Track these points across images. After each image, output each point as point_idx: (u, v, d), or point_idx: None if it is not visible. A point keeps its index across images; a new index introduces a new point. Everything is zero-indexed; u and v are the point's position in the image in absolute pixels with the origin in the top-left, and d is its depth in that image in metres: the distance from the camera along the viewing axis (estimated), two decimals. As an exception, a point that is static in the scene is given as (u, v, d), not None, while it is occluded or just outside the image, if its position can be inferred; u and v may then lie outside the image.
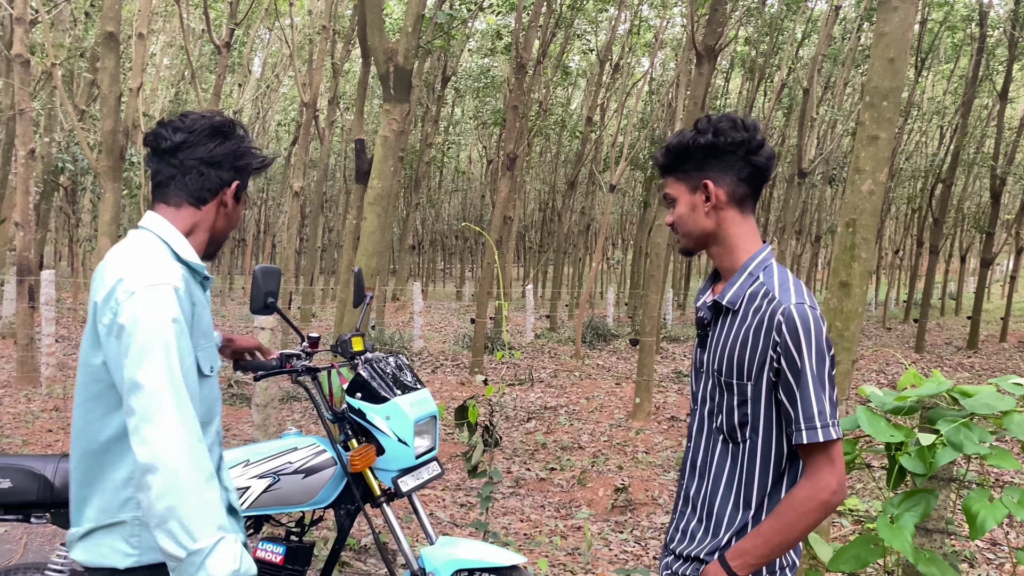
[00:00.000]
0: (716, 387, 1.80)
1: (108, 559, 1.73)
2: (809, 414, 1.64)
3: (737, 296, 1.76)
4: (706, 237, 1.82)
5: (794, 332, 1.64)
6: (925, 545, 2.62)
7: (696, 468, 1.85)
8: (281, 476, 2.64)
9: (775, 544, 1.67)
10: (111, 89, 7.39)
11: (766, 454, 1.74)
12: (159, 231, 1.82)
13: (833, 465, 1.66)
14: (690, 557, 1.82)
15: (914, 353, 15.55)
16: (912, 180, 26.13)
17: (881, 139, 3.47)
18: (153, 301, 1.65)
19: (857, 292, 3.51)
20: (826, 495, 1.64)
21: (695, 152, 1.78)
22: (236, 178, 1.90)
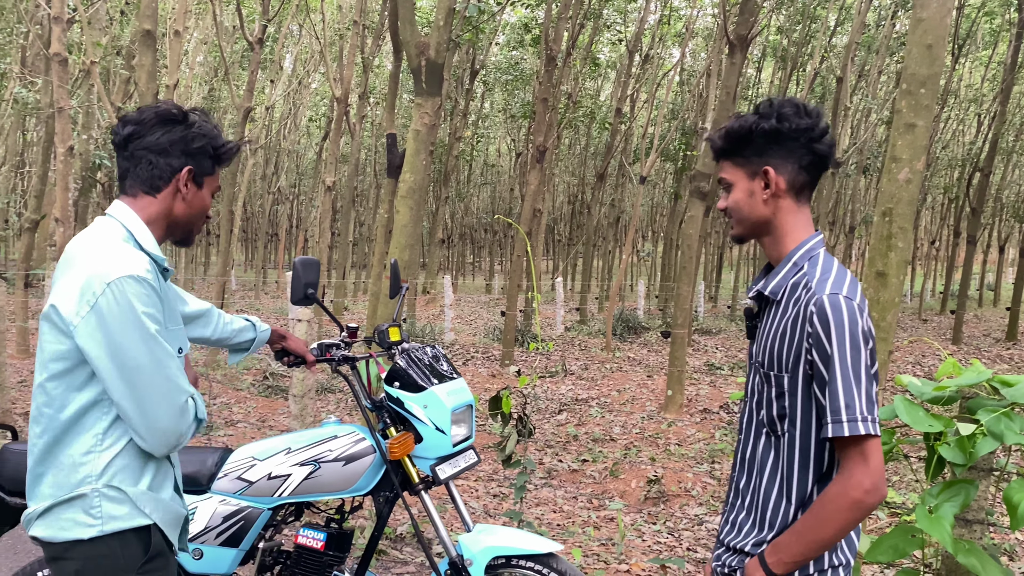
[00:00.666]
0: (761, 379, 1.77)
1: (71, 532, 1.78)
2: (836, 407, 1.59)
3: (779, 287, 1.74)
4: (761, 225, 1.78)
5: (825, 323, 1.60)
6: (965, 536, 2.60)
7: (745, 461, 1.83)
8: (322, 464, 2.69)
9: (809, 542, 1.62)
10: (148, 86, 7.51)
11: (805, 448, 1.70)
12: (123, 219, 1.89)
13: (867, 463, 1.59)
14: (738, 549, 1.80)
15: (951, 345, 15.30)
16: (949, 169, 25.68)
17: (918, 127, 3.43)
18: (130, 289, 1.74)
19: (893, 282, 3.48)
20: (857, 494, 1.58)
21: (757, 137, 1.73)
22: (188, 163, 1.92)
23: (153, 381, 1.75)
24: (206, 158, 1.95)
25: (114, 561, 1.79)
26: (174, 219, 1.95)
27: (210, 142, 1.95)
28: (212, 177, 1.99)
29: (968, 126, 26.07)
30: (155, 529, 1.84)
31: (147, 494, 1.83)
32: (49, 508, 1.80)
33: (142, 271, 1.78)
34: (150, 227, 1.91)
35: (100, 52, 13.28)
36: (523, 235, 4.89)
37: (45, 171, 12.31)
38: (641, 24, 17.24)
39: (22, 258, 11.73)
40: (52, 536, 1.80)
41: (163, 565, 1.87)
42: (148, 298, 1.77)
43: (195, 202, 1.96)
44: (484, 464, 6.41)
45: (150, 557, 1.83)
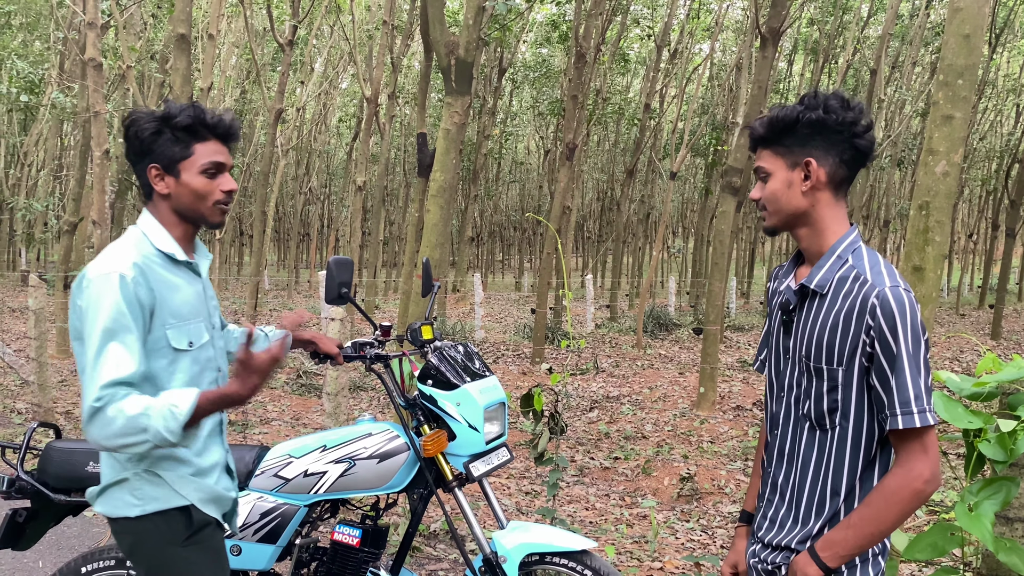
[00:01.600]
0: (804, 373, 1.76)
1: (122, 510, 1.99)
2: (905, 398, 1.60)
3: (826, 279, 1.72)
4: (796, 217, 1.77)
5: (890, 316, 1.60)
6: (1006, 534, 2.56)
7: (784, 455, 1.82)
8: (357, 461, 2.71)
9: (866, 535, 1.64)
10: (183, 89, 7.62)
11: (856, 441, 1.70)
12: (142, 225, 2.04)
13: (927, 453, 1.62)
14: (780, 546, 1.80)
15: (990, 340, 15.02)
16: (987, 160, 25.18)
17: (956, 119, 3.38)
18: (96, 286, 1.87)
19: (931, 276, 3.43)
20: (919, 484, 1.61)
21: (801, 127, 1.71)
22: (150, 161, 1.98)
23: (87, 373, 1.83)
24: (169, 145, 1.97)
25: (160, 535, 1.99)
26: (179, 213, 2.04)
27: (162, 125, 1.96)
28: (187, 161, 1.98)
29: (1006, 117, 25.54)
30: (194, 509, 2.03)
31: (186, 478, 2.02)
32: (105, 488, 2.02)
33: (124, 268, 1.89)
34: (166, 224, 2.04)
35: (135, 56, 13.50)
36: (553, 232, 4.89)
37: (82, 174, 12.55)
38: (669, 18, 17.13)
39: (61, 260, 11.97)
40: (108, 512, 2.01)
41: (207, 538, 2.06)
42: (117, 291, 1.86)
43: (182, 192, 2.00)
44: (516, 462, 6.42)
45: (195, 530, 2.02)
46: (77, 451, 2.60)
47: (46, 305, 6.93)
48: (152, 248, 2.00)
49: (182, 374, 2.02)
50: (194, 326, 2.05)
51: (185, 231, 2.06)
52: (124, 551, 2.03)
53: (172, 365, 2.00)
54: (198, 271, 2.12)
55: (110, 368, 1.81)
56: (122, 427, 1.75)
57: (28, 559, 4.19)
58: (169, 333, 1.97)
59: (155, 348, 1.96)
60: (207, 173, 1.99)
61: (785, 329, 1.84)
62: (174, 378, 2.00)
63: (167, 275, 2.00)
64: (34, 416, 7.04)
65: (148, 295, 1.92)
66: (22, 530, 2.64)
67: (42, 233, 24.19)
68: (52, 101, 14.70)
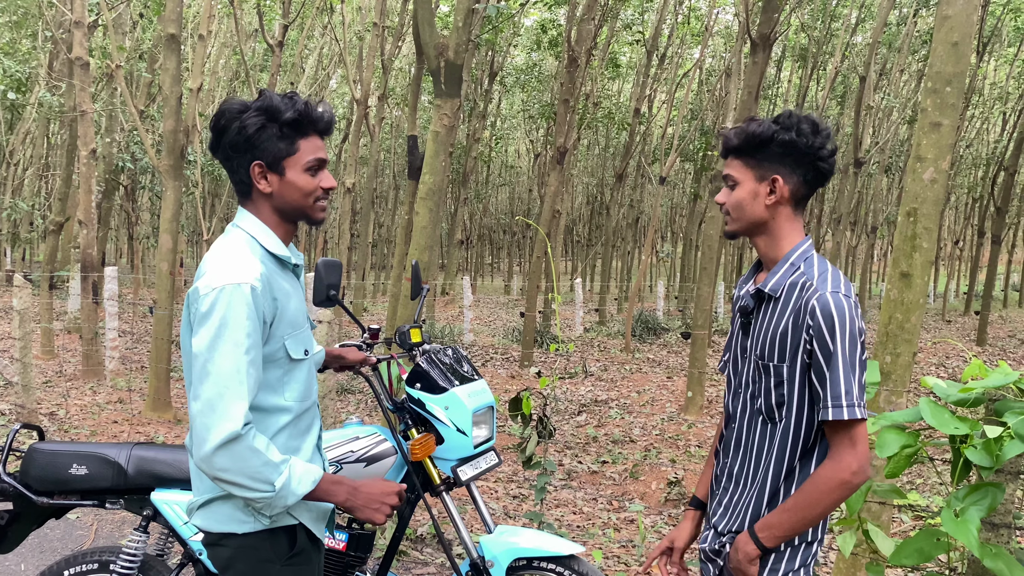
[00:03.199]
0: (757, 371, 1.90)
1: (226, 525, 1.89)
2: (836, 393, 1.74)
3: (779, 285, 1.86)
4: (757, 226, 1.91)
5: (828, 317, 1.74)
6: (991, 540, 2.57)
7: (740, 447, 1.96)
8: (343, 464, 2.70)
9: (799, 519, 1.78)
10: (172, 90, 7.58)
11: (797, 432, 1.84)
12: (245, 225, 1.91)
13: (855, 447, 1.75)
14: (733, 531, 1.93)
15: (976, 346, 15.12)
16: (973, 168, 25.38)
17: (944, 126, 3.39)
18: (225, 298, 1.75)
19: (918, 283, 3.45)
20: (846, 475, 1.74)
21: (774, 146, 1.84)
22: (255, 157, 1.86)
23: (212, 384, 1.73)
24: (275, 141, 1.85)
25: (263, 553, 1.91)
26: (281, 211, 1.91)
27: (271, 119, 1.84)
28: (292, 158, 1.87)
29: (993, 124, 25.75)
30: (301, 528, 1.95)
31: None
32: (208, 501, 1.91)
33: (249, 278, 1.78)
34: (270, 224, 1.92)
35: (123, 56, 13.43)
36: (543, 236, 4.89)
37: (69, 174, 12.46)
38: (659, 24, 17.18)
39: (46, 260, 11.88)
40: (210, 527, 1.92)
41: (307, 559, 1.99)
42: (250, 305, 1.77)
43: (286, 190, 1.88)
44: (504, 465, 6.41)
45: (296, 552, 1.95)
46: (60, 453, 2.58)
47: (31, 306, 6.87)
48: (263, 251, 1.89)
49: (297, 384, 1.93)
50: (306, 333, 1.96)
51: (287, 231, 1.95)
52: (218, 566, 1.94)
53: (287, 376, 1.90)
54: (299, 274, 2.03)
55: (243, 394, 1.73)
56: (258, 468, 1.73)
57: (10, 562, 4.15)
58: (288, 343, 1.88)
59: (272, 360, 1.85)
60: (311, 170, 1.89)
61: (744, 331, 1.98)
62: (288, 388, 1.90)
63: (281, 282, 1.90)
64: (17, 417, 6.97)
65: (271, 306, 1.83)
66: (4, 533, 2.61)
67: (28, 233, 24.01)
68: (39, 100, 14.60)
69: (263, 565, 1.91)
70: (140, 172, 16.24)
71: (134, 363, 10.40)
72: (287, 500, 1.78)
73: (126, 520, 4.87)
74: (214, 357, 1.72)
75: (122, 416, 7.49)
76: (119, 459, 2.60)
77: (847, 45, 16.82)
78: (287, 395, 1.90)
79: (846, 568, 3.49)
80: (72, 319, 13.06)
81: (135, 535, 2.67)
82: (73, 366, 9.99)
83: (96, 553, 2.71)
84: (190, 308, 1.82)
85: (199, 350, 1.74)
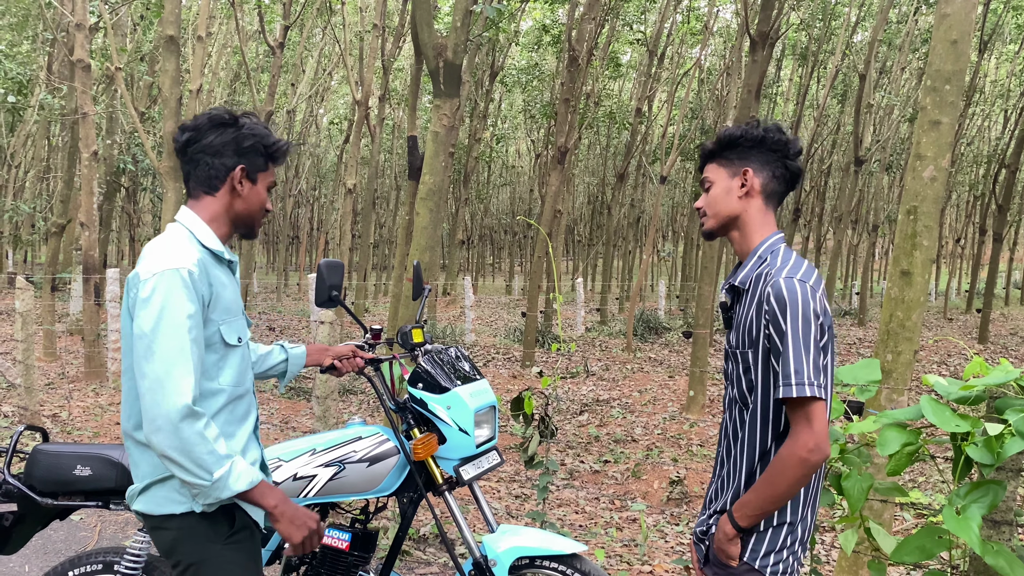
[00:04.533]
0: (732, 360, 2.02)
1: (165, 507, 2.01)
2: (788, 372, 1.81)
3: (747, 278, 1.98)
4: (731, 220, 2.03)
5: (780, 300, 1.83)
6: (993, 537, 2.57)
7: (727, 434, 2.07)
8: (346, 464, 2.71)
9: (765, 497, 1.87)
10: (172, 91, 7.59)
11: (766, 416, 1.93)
12: (185, 221, 2.09)
13: (811, 425, 1.81)
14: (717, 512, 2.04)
15: (977, 344, 15.12)
16: (974, 166, 25.37)
17: (943, 124, 3.40)
18: (164, 282, 1.91)
19: (919, 281, 3.45)
20: (803, 452, 1.81)
21: (744, 142, 2.00)
22: (240, 162, 2.08)
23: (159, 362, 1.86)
24: (257, 156, 2.10)
25: (204, 532, 2.01)
26: (235, 215, 2.12)
27: (260, 141, 2.10)
28: (265, 173, 2.14)
29: (994, 122, 25.73)
30: (238, 508, 2.06)
31: None
32: (147, 486, 2.03)
33: (187, 263, 1.94)
34: (213, 224, 2.10)
35: (124, 58, 13.44)
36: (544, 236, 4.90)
37: (70, 176, 12.48)
38: (661, 24, 17.19)
39: (48, 262, 11.90)
40: (150, 510, 2.03)
41: (247, 537, 2.09)
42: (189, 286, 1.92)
43: (251, 197, 2.12)
44: (506, 465, 6.42)
45: (235, 530, 2.05)
46: (64, 454, 2.58)
47: (33, 307, 6.88)
48: (200, 246, 2.06)
49: (231, 370, 2.07)
50: (240, 323, 2.12)
51: (228, 233, 2.13)
52: (162, 549, 2.04)
53: (222, 360, 2.04)
54: (234, 270, 2.19)
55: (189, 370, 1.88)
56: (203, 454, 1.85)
57: (14, 563, 4.16)
58: (223, 328, 2.03)
59: (208, 343, 2.01)
60: (268, 190, 2.17)
61: (727, 326, 2.08)
62: (223, 373, 2.04)
63: (217, 272, 2.07)
64: (20, 419, 6.98)
65: (208, 290, 1.99)
66: (8, 534, 2.62)
67: (29, 235, 24.04)
68: (40, 102, 14.62)
69: (205, 545, 2.01)
70: (141, 174, 16.26)
71: (136, 365, 10.40)
72: (221, 494, 1.88)
73: (129, 521, 4.88)
74: (158, 337, 1.87)
75: (125, 417, 7.49)
76: (123, 460, 2.60)
77: (847, 44, 16.81)
78: (221, 379, 2.04)
79: (848, 566, 3.50)
80: (74, 321, 13.08)
81: (139, 536, 2.67)
82: (75, 368, 10.01)
83: (100, 554, 2.72)
84: (129, 293, 1.96)
85: (142, 332, 1.88)
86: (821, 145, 21.62)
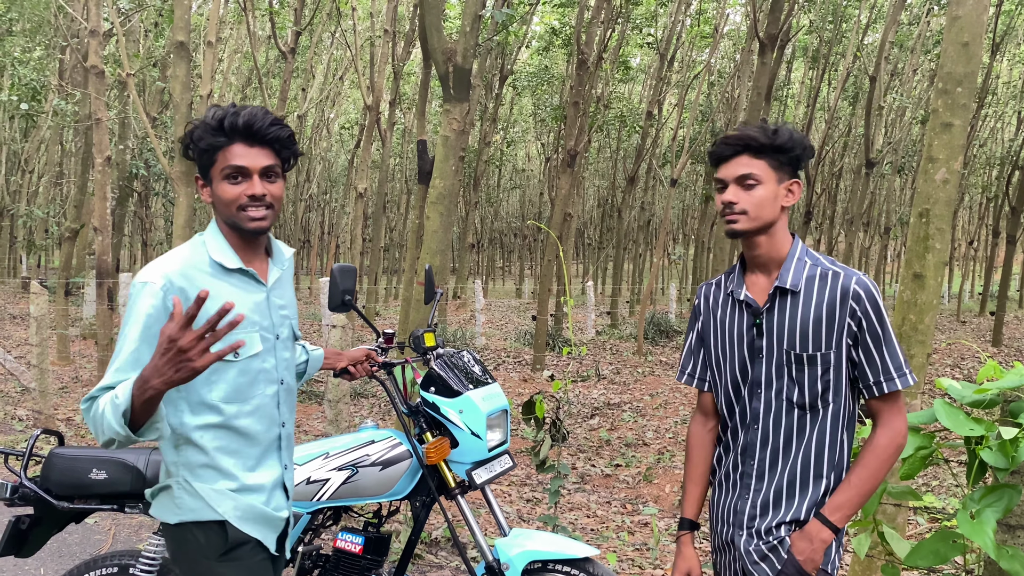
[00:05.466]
0: (789, 365, 1.95)
1: (164, 516, 1.99)
2: (896, 363, 1.89)
3: (797, 279, 1.95)
4: (767, 227, 1.98)
5: (871, 296, 1.88)
6: (1008, 542, 2.56)
7: (770, 443, 1.99)
8: (359, 468, 2.72)
9: (865, 492, 1.89)
10: (183, 96, 7.64)
11: (843, 413, 1.95)
12: (206, 233, 2.04)
13: (901, 411, 1.92)
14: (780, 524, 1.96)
15: (991, 347, 15.01)
16: (987, 168, 25.21)
17: (955, 126, 3.39)
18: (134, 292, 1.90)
19: (931, 284, 3.44)
20: (901, 439, 1.90)
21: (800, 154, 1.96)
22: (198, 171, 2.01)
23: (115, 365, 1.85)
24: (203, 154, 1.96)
25: (196, 546, 1.96)
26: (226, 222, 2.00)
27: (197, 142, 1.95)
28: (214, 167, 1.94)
29: (1007, 124, 25.58)
30: (230, 525, 1.96)
31: (224, 493, 1.96)
32: (156, 491, 2.03)
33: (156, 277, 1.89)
34: (224, 234, 2.02)
35: (136, 64, 13.54)
36: (554, 239, 4.91)
37: (84, 181, 12.57)
38: (672, 27, 17.19)
39: (62, 267, 11.99)
40: (157, 515, 2.02)
41: (245, 556, 1.98)
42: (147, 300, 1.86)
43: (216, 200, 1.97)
44: (518, 469, 6.42)
45: (230, 548, 1.96)
46: (80, 458, 2.60)
47: (47, 312, 6.94)
48: (206, 256, 1.97)
49: (224, 384, 1.94)
50: (243, 336, 1.97)
51: (239, 239, 2.01)
52: (170, 556, 2.04)
53: (213, 375, 1.93)
54: (258, 279, 2.04)
55: (115, 372, 1.83)
56: (93, 423, 1.76)
57: (30, 566, 4.19)
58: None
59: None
60: (229, 179, 1.93)
61: (757, 331, 2.00)
62: (214, 388, 1.94)
63: (214, 283, 1.94)
64: (35, 423, 7.04)
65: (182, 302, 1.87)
66: (25, 537, 2.64)
67: (43, 240, 24.20)
68: (54, 108, 14.74)
69: (199, 560, 1.96)
70: (153, 179, 16.36)
71: (149, 368, 10.46)
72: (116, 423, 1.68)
73: (143, 524, 4.90)
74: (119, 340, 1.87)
75: (138, 421, 7.53)
76: (138, 464, 2.62)
77: (858, 46, 16.76)
78: (214, 393, 1.94)
79: (861, 570, 3.48)
80: (87, 325, 13.17)
81: (154, 539, 2.69)
82: (89, 372, 10.07)
83: (116, 557, 2.74)
84: None
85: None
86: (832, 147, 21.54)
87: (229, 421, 1.96)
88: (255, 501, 1.99)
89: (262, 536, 2.01)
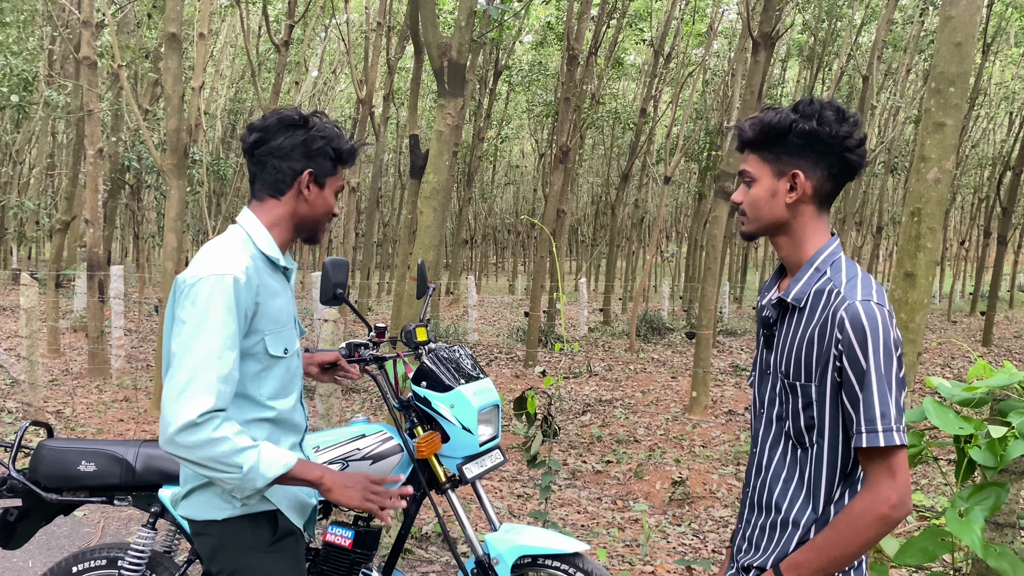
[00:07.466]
0: (783, 390, 1.69)
1: (207, 513, 1.98)
2: (871, 416, 1.52)
3: (803, 293, 1.65)
4: (777, 227, 1.70)
5: (859, 330, 1.52)
6: (995, 540, 2.58)
7: (763, 472, 1.74)
8: (350, 462, 2.71)
9: (830, 558, 1.55)
10: (174, 89, 7.60)
11: (832, 460, 1.62)
12: (245, 224, 2.01)
13: (894, 477, 1.52)
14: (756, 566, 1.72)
15: (981, 346, 15.09)
16: (979, 168, 25.32)
17: (947, 126, 3.40)
18: (207, 287, 1.84)
19: (922, 283, 3.45)
20: (884, 509, 1.51)
21: (792, 137, 1.63)
22: (309, 166, 2.01)
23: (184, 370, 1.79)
24: (326, 160, 2.03)
25: (245, 539, 1.99)
26: (299, 219, 2.05)
27: (329, 143, 2.03)
28: (334, 178, 2.07)
29: (999, 124, 25.69)
30: (280, 515, 2.03)
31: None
32: (191, 491, 2.01)
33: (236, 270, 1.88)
34: (275, 228, 2.04)
35: (128, 56, 13.47)
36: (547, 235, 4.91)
37: (75, 173, 12.50)
38: (667, 24, 17.19)
39: (53, 259, 11.93)
40: (193, 515, 2.01)
41: (291, 544, 2.07)
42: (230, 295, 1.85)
43: (318, 202, 2.05)
44: (508, 464, 6.42)
45: (278, 537, 2.03)
46: (69, 450, 2.59)
47: (37, 304, 6.90)
48: (256, 251, 2.00)
49: (274, 381, 2.00)
50: (289, 332, 2.05)
51: (289, 239, 2.07)
52: (205, 555, 2.01)
53: (265, 372, 1.97)
54: (289, 277, 2.13)
55: (211, 385, 1.78)
56: (223, 453, 1.76)
57: (18, 559, 4.17)
58: (268, 339, 1.96)
59: (250, 353, 1.94)
60: (336, 194, 2.09)
61: (767, 344, 1.77)
62: (264, 384, 1.98)
63: (268, 280, 2.00)
64: (24, 415, 7.00)
65: (253, 300, 1.92)
66: (13, 529, 2.63)
67: (34, 231, 24.07)
68: (45, 99, 14.66)
69: (246, 552, 1.98)
70: (145, 171, 16.29)
71: (140, 361, 10.43)
72: (256, 483, 1.80)
73: (132, 517, 4.89)
74: (192, 345, 1.80)
75: (128, 414, 7.52)
76: (127, 456, 2.62)
77: (852, 45, 16.80)
78: (263, 390, 1.98)
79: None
80: (78, 318, 13.11)
81: (143, 532, 2.68)
82: (79, 364, 10.03)
83: (104, 549, 2.73)
84: (175, 297, 1.90)
85: (178, 338, 1.83)
86: (825, 146, 21.55)
87: (277, 416, 2.03)
88: (296, 489, 2.06)
89: (301, 524, 2.10)
